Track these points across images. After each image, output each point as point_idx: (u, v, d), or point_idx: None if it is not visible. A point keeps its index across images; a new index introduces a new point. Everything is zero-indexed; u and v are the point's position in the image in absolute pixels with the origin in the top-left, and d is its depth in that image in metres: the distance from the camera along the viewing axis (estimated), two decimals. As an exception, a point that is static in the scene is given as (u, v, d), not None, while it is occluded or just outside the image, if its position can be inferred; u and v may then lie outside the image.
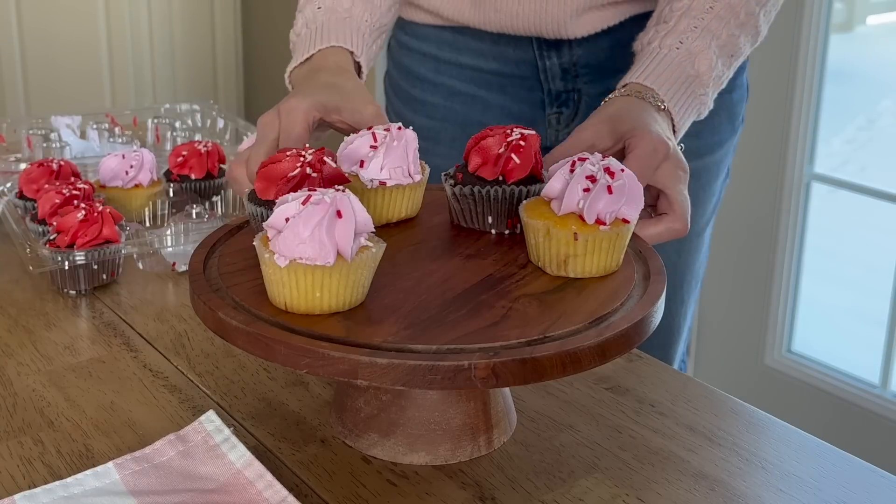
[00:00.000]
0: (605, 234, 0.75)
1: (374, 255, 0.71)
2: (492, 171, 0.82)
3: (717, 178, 1.26)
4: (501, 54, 1.21)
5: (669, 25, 1.01)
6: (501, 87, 1.23)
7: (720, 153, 1.25)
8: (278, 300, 0.70)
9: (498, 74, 1.23)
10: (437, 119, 1.26)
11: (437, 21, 1.23)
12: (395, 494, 0.71)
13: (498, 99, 1.24)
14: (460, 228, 0.85)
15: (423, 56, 1.26)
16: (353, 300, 0.71)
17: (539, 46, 1.19)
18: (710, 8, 1.02)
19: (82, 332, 0.95)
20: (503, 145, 0.82)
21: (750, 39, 1.05)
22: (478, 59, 1.23)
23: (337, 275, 0.68)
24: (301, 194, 0.70)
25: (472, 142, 0.84)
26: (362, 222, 0.70)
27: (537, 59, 1.20)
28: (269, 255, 0.69)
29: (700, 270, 1.32)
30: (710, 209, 1.28)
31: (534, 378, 0.65)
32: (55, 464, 0.74)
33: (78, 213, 1.00)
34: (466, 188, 0.83)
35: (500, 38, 1.20)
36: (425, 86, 1.27)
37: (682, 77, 0.98)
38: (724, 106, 1.21)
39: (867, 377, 2.19)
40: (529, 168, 0.82)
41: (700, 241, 1.28)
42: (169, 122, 1.43)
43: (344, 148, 0.85)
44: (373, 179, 0.83)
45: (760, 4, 1.04)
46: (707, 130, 1.19)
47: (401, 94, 1.31)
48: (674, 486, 0.73)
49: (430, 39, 1.25)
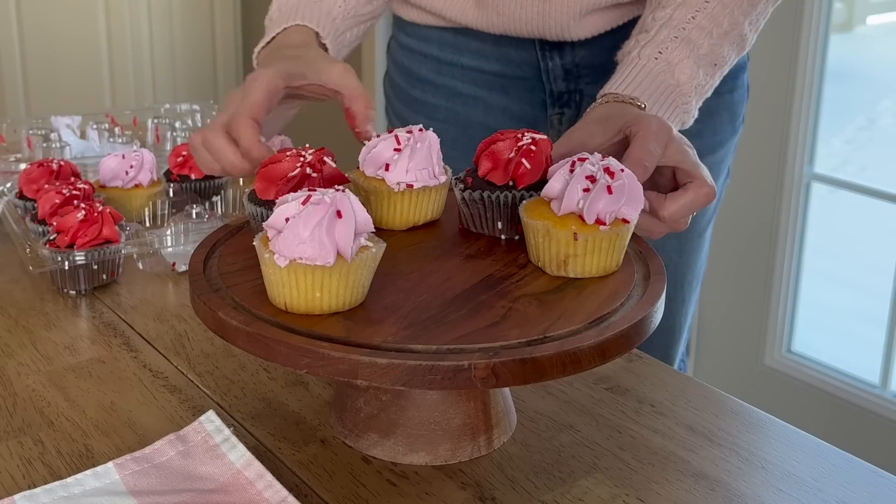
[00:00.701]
0: (605, 234, 0.75)
1: (374, 255, 0.71)
2: (502, 176, 0.82)
3: (718, 177, 1.26)
4: (503, 55, 1.21)
5: (650, 35, 1.02)
6: (503, 88, 1.23)
7: (721, 153, 1.25)
8: (278, 300, 0.70)
9: (500, 75, 1.23)
10: (439, 120, 1.26)
11: (439, 22, 1.23)
12: (395, 494, 0.71)
13: (500, 100, 1.24)
14: (470, 234, 0.85)
15: (424, 57, 1.26)
16: (353, 300, 0.71)
17: (541, 48, 1.19)
18: (692, 18, 1.02)
19: (82, 332, 0.95)
20: (514, 150, 0.81)
21: (735, 48, 1.05)
22: (479, 61, 1.23)
23: (337, 275, 0.68)
24: (301, 194, 0.70)
25: (482, 146, 0.83)
26: (362, 222, 0.70)
27: (539, 60, 1.20)
28: (269, 255, 0.69)
29: (701, 270, 1.32)
30: (711, 209, 1.28)
31: (534, 378, 0.65)
32: (55, 464, 0.74)
33: (78, 213, 1.00)
34: (476, 193, 0.82)
35: (501, 39, 1.20)
36: (426, 87, 1.27)
37: (661, 87, 0.98)
38: (725, 106, 1.21)
39: (867, 377, 2.19)
40: (540, 173, 0.82)
41: (701, 241, 1.28)
42: (169, 122, 1.43)
43: (367, 153, 0.84)
44: (399, 182, 0.83)
45: (745, 14, 1.04)
46: (708, 130, 1.20)
47: (401, 96, 1.31)
48: (674, 486, 0.73)
49: (431, 40, 1.25)
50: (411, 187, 0.83)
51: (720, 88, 1.15)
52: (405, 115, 1.31)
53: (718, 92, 1.12)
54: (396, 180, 0.83)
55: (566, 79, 1.20)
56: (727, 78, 1.18)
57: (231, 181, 1.21)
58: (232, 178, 1.21)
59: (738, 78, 1.23)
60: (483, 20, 1.18)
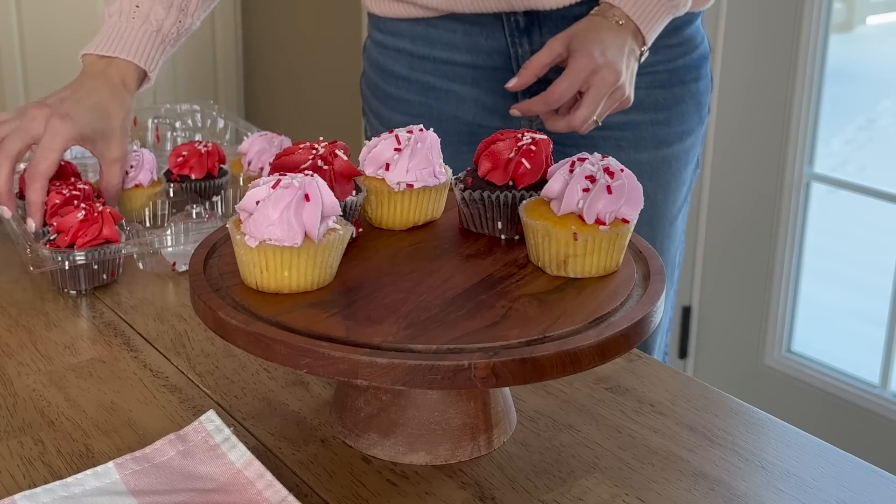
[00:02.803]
0: (605, 234, 0.75)
1: (342, 238, 0.73)
2: (502, 176, 0.82)
3: (686, 166, 1.30)
4: (474, 45, 1.23)
5: None
6: (475, 80, 1.25)
7: (689, 141, 1.28)
8: (249, 280, 0.73)
9: (471, 67, 1.24)
10: (413, 115, 1.27)
11: (410, 12, 1.24)
12: (395, 494, 0.71)
13: (472, 93, 1.25)
14: (469, 233, 0.85)
15: (397, 52, 1.28)
16: (320, 280, 0.73)
17: (511, 33, 1.20)
18: None
19: (82, 332, 0.95)
20: (514, 150, 0.81)
21: None
22: (451, 52, 1.24)
23: (304, 255, 0.71)
24: (271, 179, 0.73)
25: (482, 146, 0.84)
26: (329, 206, 0.73)
27: (509, 46, 1.21)
28: (241, 236, 0.72)
29: (676, 258, 1.35)
30: (681, 197, 1.31)
31: (534, 378, 0.65)
32: (55, 464, 0.74)
33: (78, 213, 1.00)
34: (476, 193, 0.82)
35: (472, 27, 1.21)
36: (400, 83, 1.29)
37: None
38: (690, 95, 1.26)
39: (867, 377, 2.19)
40: (540, 173, 0.82)
41: (673, 228, 1.31)
42: (169, 122, 1.43)
43: (367, 153, 0.84)
44: (399, 182, 0.83)
45: None
46: (675, 119, 1.24)
47: (377, 93, 1.33)
48: (674, 486, 0.73)
49: (403, 35, 1.27)
50: (411, 187, 0.83)
51: (685, 77, 1.23)
52: (381, 111, 1.33)
53: (683, 81, 1.21)
54: (397, 180, 0.83)
55: None
56: (691, 67, 1.25)
57: (231, 181, 1.21)
58: (232, 178, 1.22)
59: (702, 67, 1.27)
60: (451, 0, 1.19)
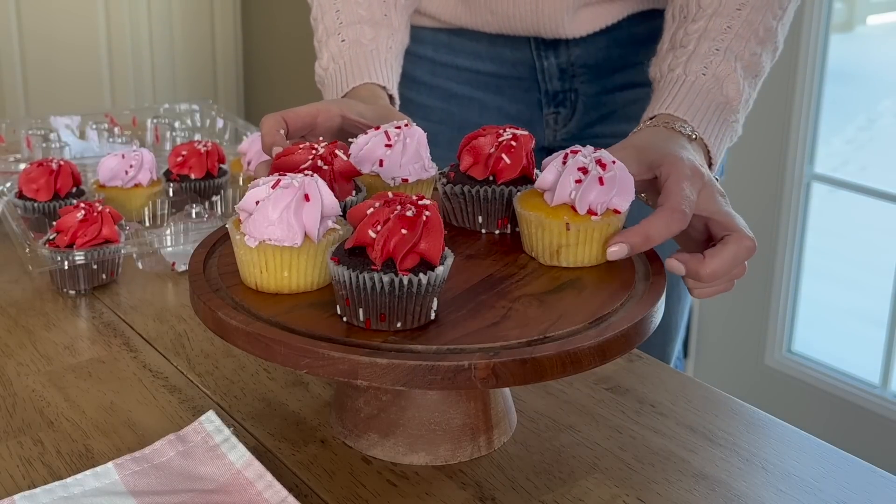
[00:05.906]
0: (597, 224, 0.76)
1: (341, 238, 0.73)
2: (482, 171, 0.83)
3: None
4: (498, 55, 1.21)
5: (689, 50, 0.96)
6: (498, 88, 1.23)
7: None
8: (249, 280, 0.73)
9: (495, 76, 1.23)
10: (434, 121, 1.26)
11: (433, 24, 1.23)
12: (395, 495, 0.71)
13: (495, 100, 1.24)
14: (453, 227, 0.85)
15: (419, 59, 1.26)
16: (320, 280, 0.73)
17: (537, 47, 1.19)
18: (728, 28, 0.97)
19: (82, 332, 0.95)
20: (494, 145, 0.83)
21: (770, 55, 1.00)
22: (474, 61, 1.23)
23: (304, 255, 0.71)
24: (271, 179, 0.72)
25: (464, 141, 0.85)
26: (329, 206, 0.73)
27: (535, 59, 1.20)
28: (241, 236, 0.72)
29: None
30: None
31: (534, 378, 0.65)
32: (55, 464, 0.74)
33: (77, 212, 1.00)
34: (457, 187, 0.83)
35: (496, 39, 1.20)
36: (422, 88, 1.27)
37: (712, 105, 0.93)
38: None
39: (867, 377, 2.19)
40: (519, 168, 0.83)
41: None
42: (168, 122, 1.43)
43: (359, 150, 0.85)
44: (395, 177, 0.84)
45: (777, 18, 0.99)
46: None
47: None
48: (674, 486, 0.73)
49: (426, 42, 1.25)
50: (406, 181, 0.84)
51: None
52: None
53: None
54: (392, 175, 0.84)
55: (561, 78, 1.20)
56: None
57: (231, 181, 1.21)
58: (231, 178, 1.21)
59: None
60: (477, 20, 1.18)
